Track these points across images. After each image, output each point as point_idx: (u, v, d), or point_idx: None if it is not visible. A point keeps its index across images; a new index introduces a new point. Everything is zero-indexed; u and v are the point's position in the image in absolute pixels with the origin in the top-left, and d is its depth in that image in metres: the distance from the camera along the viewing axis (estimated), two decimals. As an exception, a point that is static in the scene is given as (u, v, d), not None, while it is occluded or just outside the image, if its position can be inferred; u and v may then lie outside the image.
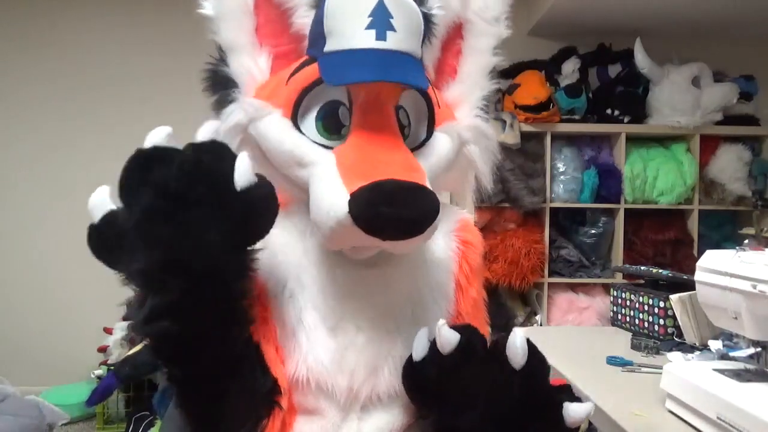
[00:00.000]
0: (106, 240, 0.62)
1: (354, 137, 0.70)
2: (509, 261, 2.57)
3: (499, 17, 0.82)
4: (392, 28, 0.67)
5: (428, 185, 0.66)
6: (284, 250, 0.74)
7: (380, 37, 0.67)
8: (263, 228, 0.64)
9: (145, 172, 0.59)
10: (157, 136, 0.61)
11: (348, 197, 0.62)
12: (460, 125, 0.80)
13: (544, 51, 2.86)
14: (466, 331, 0.68)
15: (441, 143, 0.77)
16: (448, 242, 0.81)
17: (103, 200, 0.63)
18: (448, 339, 0.67)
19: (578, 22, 2.84)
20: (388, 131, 0.71)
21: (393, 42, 0.67)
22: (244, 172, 0.60)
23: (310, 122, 0.72)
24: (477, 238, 0.85)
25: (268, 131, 0.71)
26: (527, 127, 2.62)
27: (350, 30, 0.67)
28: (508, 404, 0.67)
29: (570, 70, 2.73)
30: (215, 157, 0.61)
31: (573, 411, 0.66)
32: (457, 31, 0.82)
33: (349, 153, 0.68)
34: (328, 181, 0.65)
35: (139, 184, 0.59)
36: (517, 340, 0.66)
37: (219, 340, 0.64)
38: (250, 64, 0.74)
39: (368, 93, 0.71)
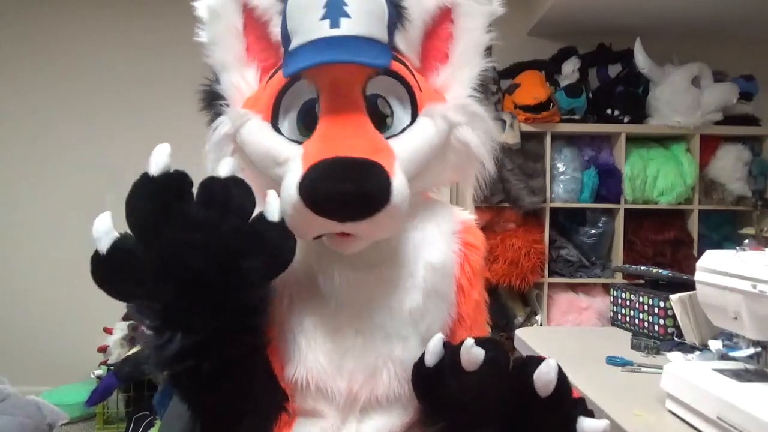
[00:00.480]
0: (116, 271, 0.60)
1: (319, 127, 0.70)
2: (509, 261, 2.57)
3: None
4: (346, 15, 0.68)
5: (393, 166, 0.66)
6: None
7: (334, 24, 0.67)
8: (291, 258, 0.65)
9: (164, 201, 0.59)
10: (162, 158, 0.60)
11: (298, 180, 0.63)
12: (446, 106, 0.77)
13: (544, 51, 2.86)
14: (491, 347, 0.67)
15: (422, 127, 0.75)
16: (450, 245, 0.80)
17: (109, 228, 0.60)
18: (476, 358, 0.66)
19: (578, 22, 2.83)
20: (353, 117, 0.71)
21: (347, 27, 0.68)
22: (276, 205, 0.63)
23: (291, 123, 0.74)
24: (479, 240, 0.84)
25: (248, 136, 0.74)
26: (527, 127, 2.62)
27: (307, 24, 0.69)
28: (526, 427, 0.66)
29: (570, 70, 2.73)
30: (243, 191, 0.63)
31: (588, 427, 0.65)
32: (445, 16, 0.80)
33: (313, 143, 0.69)
34: (292, 171, 0.66)
35: (160, 214, 0.58)
36: (551, 372, 0.64)
37: (243, 370, 0.65)
38: (238, 80, 0.78)
39: (330, 82, 0.71)
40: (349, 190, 0.62)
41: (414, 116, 0.75)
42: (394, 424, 0.74)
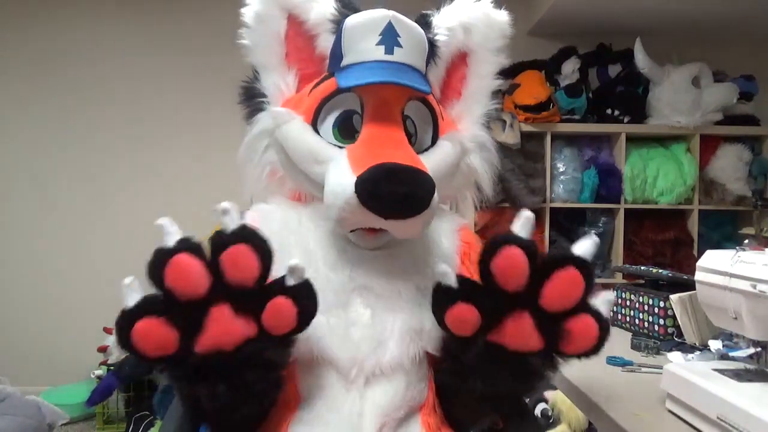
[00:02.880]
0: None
1: (364, 135, 0.80)
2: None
3: (499, 48, 0.92)
4: (399, 45, 0.78)
5: (428, 171, 0.74)
6: (297, 235, 0.82)
7: (389, 51, 0.78)
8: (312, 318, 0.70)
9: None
10: (172, 234, 0.62)
11: (355, 179, 0.71)
12: (463, 134, 0.90)
13: (544, 51, 2.86)
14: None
15: (444, 149, 0.86)
16: (452, 240, 0.88)
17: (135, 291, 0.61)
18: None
19: (578, 22, 2.84)
20: (394, 131, 0.80)
21: (399, 56, 0.79)
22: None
23: (327, 128, 0.82)
24: (475, 238, 0.92)
25: (290, 133, 0.82)
26: (527, 127, 2.62)
27: (363, 47, 0.79)
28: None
29: (570, 70, 2.73)
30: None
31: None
32: (462, 59, 0.93)
33: (359, 147, 0.78)
34: (339, 170, 0.75)
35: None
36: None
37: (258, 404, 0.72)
38: (279, 81, 0.86)
39: (377, 98, 0.81)
40: (404, 192, 0.71)
41: (434, 139, 0.86)
42: (398, 392, 0.77)
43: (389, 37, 0.78)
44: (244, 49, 0.86)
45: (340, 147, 0.80)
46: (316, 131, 0.82)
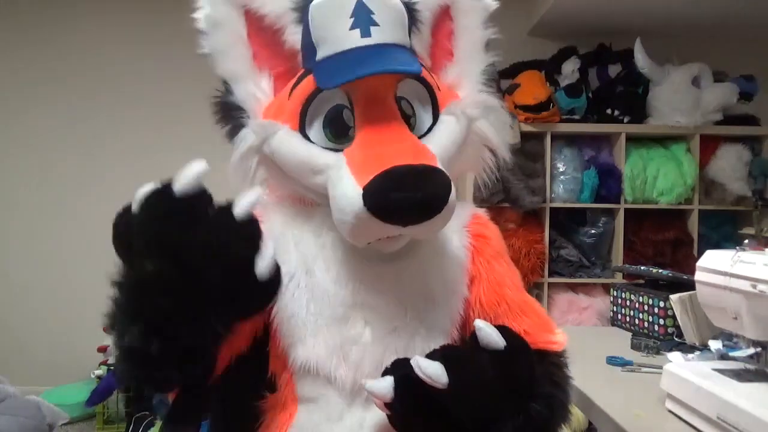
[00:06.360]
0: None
1: (360, 135, 0.72)
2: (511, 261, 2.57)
3: None
4: (375, 23, 0.70)
5: (439, 166, 0.67)
6: (299, 243, 0.77)
7: (365, 34, 0.69)
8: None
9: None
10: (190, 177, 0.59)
11: (361, 191, 0.64)
12: (464, 102, 0.79)
13: (544, 51, 2.86)
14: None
15: (447, 125, 0.77)
16: (461, 238, 0.81)
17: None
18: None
19: (578, 22, 2.83)
20: (392, 123, 0.72)
21: (378, 36, 0.70)
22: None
23: (317, 131, 0.74)
24: (491, 231, 0.85)
25: (280, 147, 0.74)
26: (527, 127, 2.62)
27: (336, 34, 0.70)
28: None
29: (570, 70, 2.73)
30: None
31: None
32: (445, 13, 0.83)
33: (358, 151, 0.70)
34: (341, 181, 0.67)
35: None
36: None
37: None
38: (254, 89, 0.77)
39: (365, 90, 0.72)
40: (419, 198, 0.64)
41: (435, 115, 0.77)
42: None
43: (362, 16, 0.69)
44: (208, 60, 0.77)
45: (336, 150, 0.72)
46: (306, 137, 0.73)
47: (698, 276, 1.11)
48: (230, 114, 0.77)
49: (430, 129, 0.77)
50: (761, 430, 0.85)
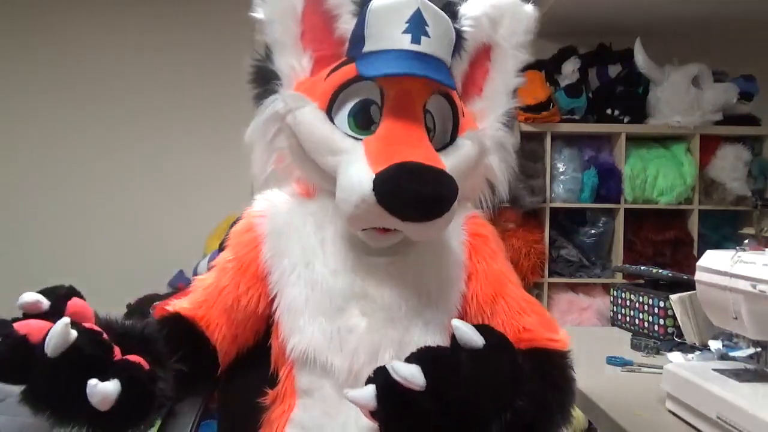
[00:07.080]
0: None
1: (382, 129, 0.75)
2: (509, 261, 2.57)
3: (524, 44, 0.89)
4: (426, 35, 0.73)
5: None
6: (301, 236, 0.80)
7: (415, 40, 0.72)
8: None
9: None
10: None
11: (373, 176, 0.67)
12: (483, 133, 0.85)
13: (544, 51, 2.85)
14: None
15: (465, 148, 0.81)
16: (458, 236, 0.84)
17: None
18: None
19: (578, 22, 2.83)
20: (415, 127, 0.75)
21: (426, 46, 0.73)
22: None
23: (342, 117, 0.77)
24: (487, 230, 0.87)
25: (303, 119, 0.77)
26: (527, 127, 2.62)
27: (388, 33, 0.73)
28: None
29: (570, 70, 2.73)
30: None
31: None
32: (485, 53, 0.88)
33: (377, 142, 0.73)
34: (356, 164, 0.70)
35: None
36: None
37: None
38: (294, 62, 0.80)
39: (399, 90, 0.75)
40: (428, 193, 0.66)
41: (453, 136, 0.81)
42: None
43: (416, 25, 0.72)
44: (257, 24, 0.80)
45: (356, 138, 0.75)
46: (330, 119, 0.77)
47: (698, 276, 1.11)
48: (264, 78, 0.81)
49: (444, 147, 0.80)
50: (761, 430, 0.85)
